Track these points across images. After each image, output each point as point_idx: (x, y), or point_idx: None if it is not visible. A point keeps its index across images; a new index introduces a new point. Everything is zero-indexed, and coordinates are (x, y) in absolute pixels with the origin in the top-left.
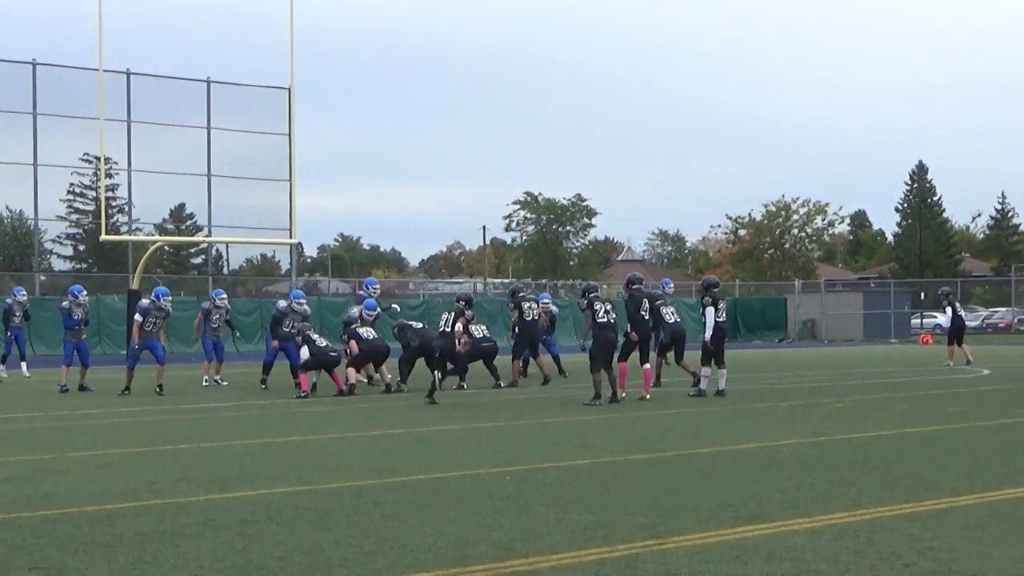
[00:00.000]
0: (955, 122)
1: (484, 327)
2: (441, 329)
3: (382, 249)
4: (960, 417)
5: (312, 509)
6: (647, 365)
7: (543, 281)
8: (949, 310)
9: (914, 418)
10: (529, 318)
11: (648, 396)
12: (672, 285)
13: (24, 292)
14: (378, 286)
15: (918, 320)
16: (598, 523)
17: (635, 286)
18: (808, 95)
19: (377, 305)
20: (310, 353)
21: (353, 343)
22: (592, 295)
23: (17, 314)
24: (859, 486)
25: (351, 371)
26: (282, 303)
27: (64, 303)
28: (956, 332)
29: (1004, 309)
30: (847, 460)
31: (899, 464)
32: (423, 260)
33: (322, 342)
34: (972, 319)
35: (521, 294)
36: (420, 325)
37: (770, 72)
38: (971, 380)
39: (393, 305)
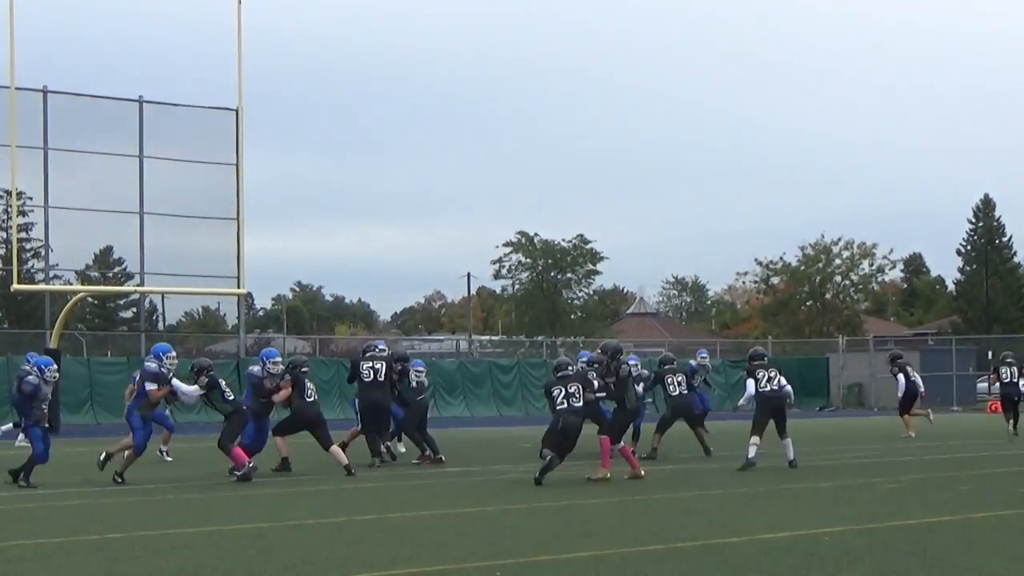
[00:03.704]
0: None
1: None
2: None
3: (347, 301)
4: None
5: None
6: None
7: (539, 338)
8: (901, 376)
9: (981, 501)
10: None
11: (595, 477)
12: (706, 354)
13: None
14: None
15: (985, 384)
16: None
17: (618, 355)
18: (850, 118)
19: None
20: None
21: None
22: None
23: None
24: None
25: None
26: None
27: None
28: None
29: None
30: (902, 551)
31: (964, 556)
32: (396, 314)
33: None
34: None
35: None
36: None
37: (804, 96)
38: None
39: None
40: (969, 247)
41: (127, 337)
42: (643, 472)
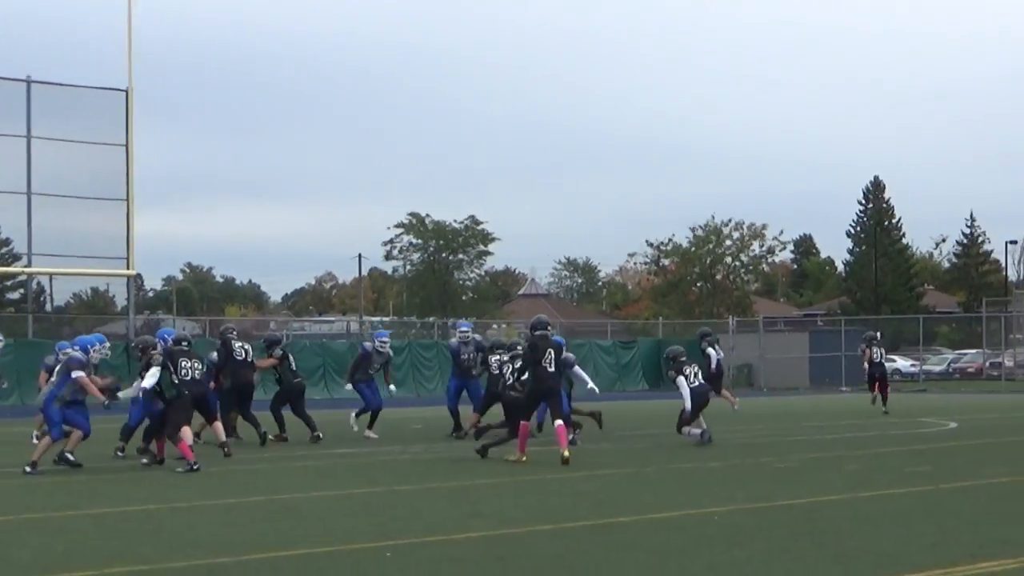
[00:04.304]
0: (916, 133)
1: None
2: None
3: (238, 282)
4: (922, 478)
5: None
6: (559, 422)
7: (430, 320)
8: (711, 351)
9: (869, 480)
10: (496, 372)
11: (567, 454)
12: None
13: None
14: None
15: None
16: None
17: (538, 332)
18: (741, 100)
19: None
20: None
21: None
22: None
23: None
24: (805, 561)
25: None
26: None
27: None
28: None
29: (973, 351)
30: (791, 530)
31: (851, 534)
32: (287, 295)
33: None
34: (936, 363)
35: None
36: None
37: (696, 78)
38: (935, 435)
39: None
40: (859, 228)
41: (14, 319)
42: (524, 459)
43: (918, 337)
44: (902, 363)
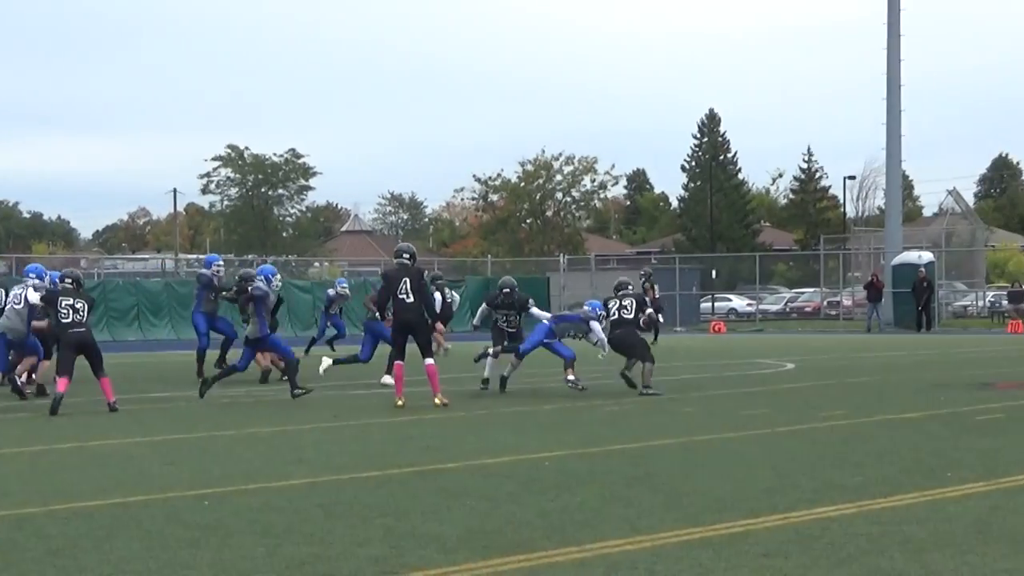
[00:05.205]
0: (752, 64)
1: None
2: None
3: (46, 218)
4: (759, 421)
5: None
6: (429, 360)
7: (250, 257)
8: (438, 295)
9: (704, 423)
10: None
11: (440, 401)
12: (345, 283)
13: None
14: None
15: (709, 304)
16: (319, 556)
17: (397, 259)
18: (571, 31)
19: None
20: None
21: None
22: None
23: None
24: (638, 507)
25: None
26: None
27: None
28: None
29: (811, 290)
30: (624, 475)
31: (686, 479)
32: (98, 232)
33: None
34: (773, 302)
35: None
36: None
37: (521, 9)
38: (772, 377)
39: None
40: (694, 163)
41: None
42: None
43: (754, 275)
44: (738, 302)
